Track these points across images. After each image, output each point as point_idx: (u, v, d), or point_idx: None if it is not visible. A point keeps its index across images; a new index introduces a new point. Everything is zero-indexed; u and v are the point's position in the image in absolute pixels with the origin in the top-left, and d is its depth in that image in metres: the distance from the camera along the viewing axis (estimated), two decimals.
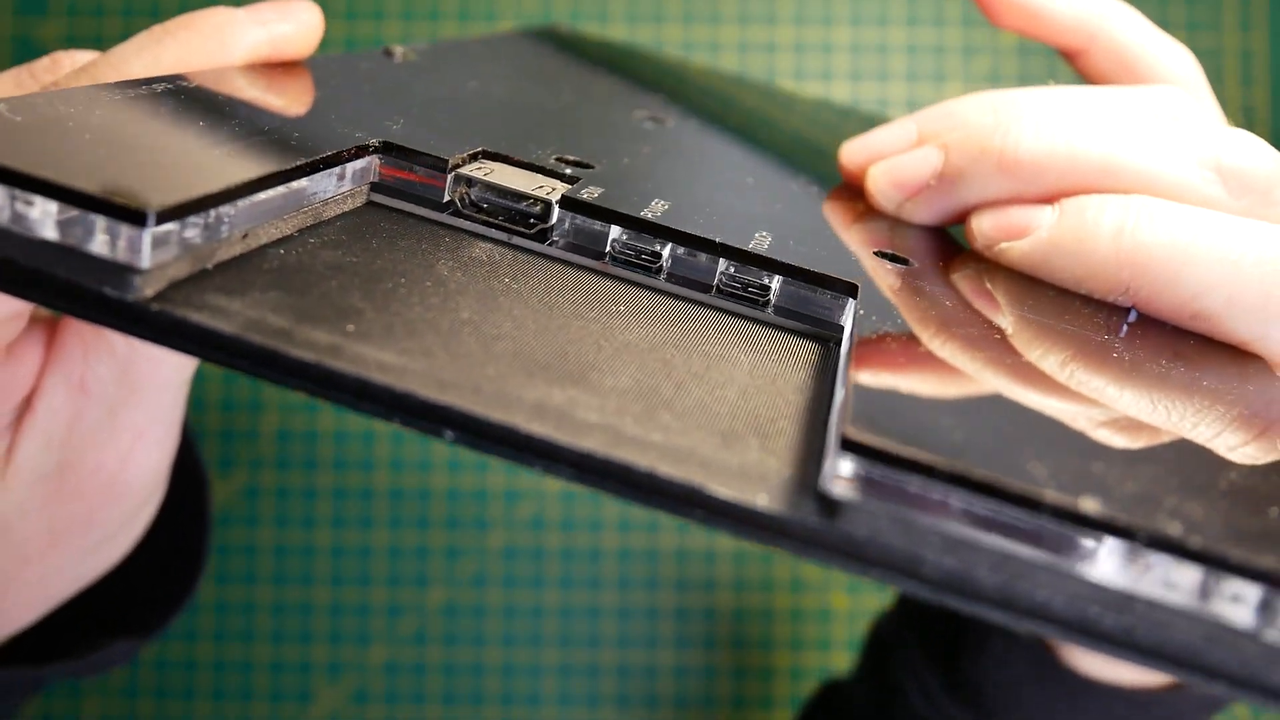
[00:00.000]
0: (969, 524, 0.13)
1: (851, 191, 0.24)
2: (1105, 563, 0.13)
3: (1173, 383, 0.18)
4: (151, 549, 0.27)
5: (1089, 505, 0.13)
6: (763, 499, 0.13)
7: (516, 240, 0.19)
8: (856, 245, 0.21)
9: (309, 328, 0.15)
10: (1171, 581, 0.13)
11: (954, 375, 0.16)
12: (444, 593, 0.44)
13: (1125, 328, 0.19)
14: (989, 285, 0.20)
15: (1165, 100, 0.22)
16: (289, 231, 0.17)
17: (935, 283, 0.20)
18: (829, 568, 0.13)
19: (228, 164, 0.17)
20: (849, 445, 0.13)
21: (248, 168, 0.17)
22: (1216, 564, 0.12)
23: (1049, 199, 0.21)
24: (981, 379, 0.16)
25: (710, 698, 0.46)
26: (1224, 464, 0.15)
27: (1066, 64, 0.26)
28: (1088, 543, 0.13)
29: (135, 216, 0.14)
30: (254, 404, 0.45)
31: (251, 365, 0.14)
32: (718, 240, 0.19)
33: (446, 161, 0.19)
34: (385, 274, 0.17)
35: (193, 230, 0.15)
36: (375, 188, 0.19)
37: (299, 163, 0.17)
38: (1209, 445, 0.16)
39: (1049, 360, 0.18)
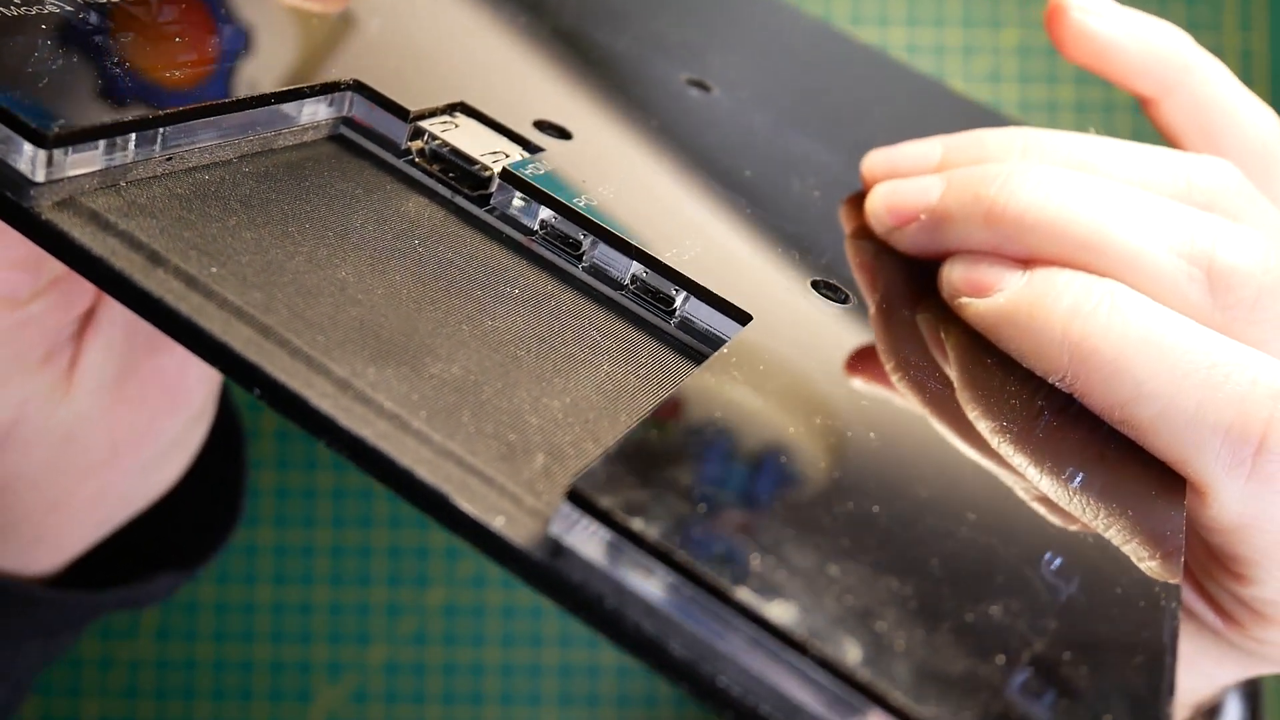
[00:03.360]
0: (669, 599, 0.13)
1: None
2: (781, 668, 0.13)
3: (1042, 491, 0.17)
4: (191, 487, 0.28)
5: (775, 611, 0.12)
6: (499, 521, 0.13)
7: (459, 200, 0.19)
8: (807, 267, 0.20)
9: (176, 261, 0.15)
10: (835, 702, 0.13)
11: (751, 446, 0.15)
12: (444, 593, 0.44)
13: (1047, 416, 0.18)
14: (943, 337, 0.20)
15: (1206, 176, 0.21)
16: (227, 157, 0.17)
17: (857, 329, 0.19)
18: (548, 600, 0.13)
19: (178, 89, 0.17)
20: (573, 497, 0.13)
21: (197, 94, 0.17)
22: (878, 701, 0.12)
23: (1027, 261, 0.20)
24: (776, 456, 0.15)
25: None
26: (997, 595, 0.14)
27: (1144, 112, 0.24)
28: (769, 645, 0.13)
29: (35, 136, 0.15)
30: (254, 404, 0.45)
31: (111, 289, 0.15)
32: (632, 242, 0.18)
33: (408, 112, 0.19)
34: (292, 217, 0.17)
35: (112, 149, 0.16)
36: (346, 122, 0.19)
37: (243, 97, 0.17)
38: (994, 572, 0.15)
39: (898, 444, 0.16)
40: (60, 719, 0.43)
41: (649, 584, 0.13)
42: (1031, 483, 0.17)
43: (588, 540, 0.13)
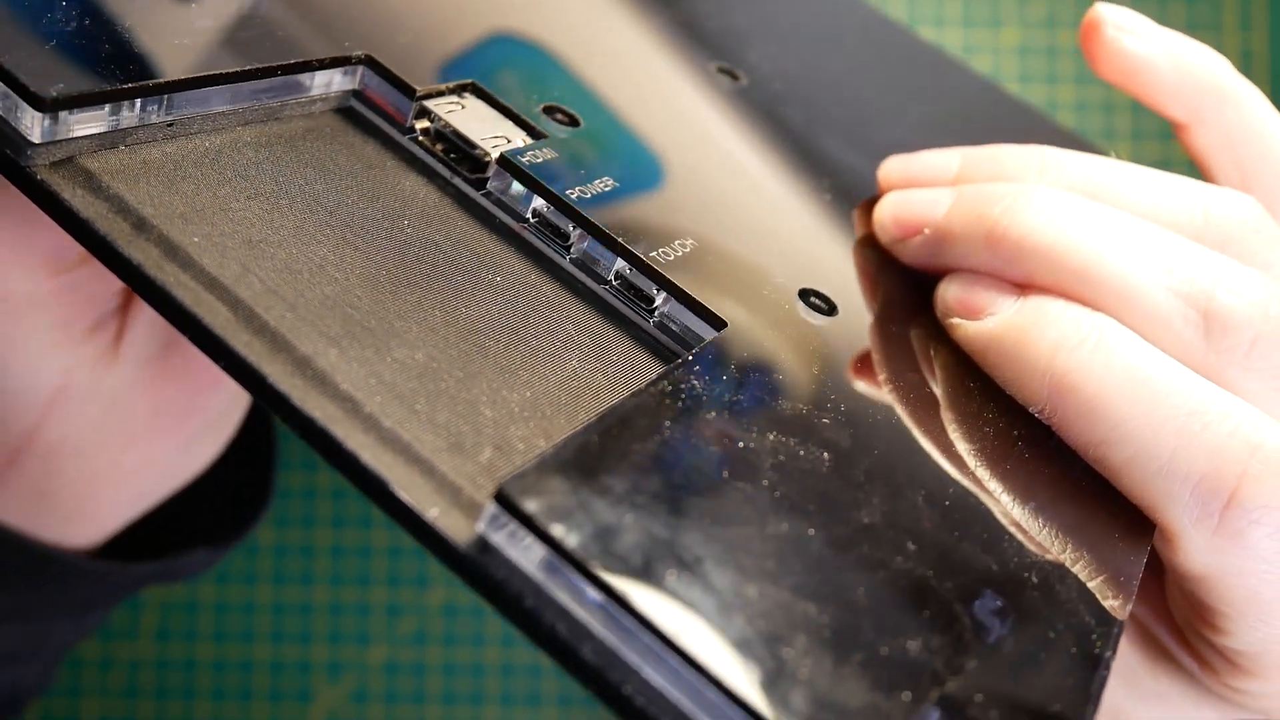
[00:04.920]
0: (585, 605, 0.13)
1: None
2: (684, 684, 0.13)
3: (998, 526, 0.16)
4: (225, 467, 0.29)
5: (679, 629, 0.13)
6: (433, 513, 0.13)
7: (458, 182, 0.19)
8: (801, 274, 0.20)
9: (161, 229, 0.15)
10: None
11: (695, 458, 0.15)
12: (444, 593, 0.44)
13: (1021, 448, 0.18)
14: (931, 356, 0.19)
15: (1224, 210, 0.20)
16: (231, 125, 0.17)
17: (834, 344, 0.18)
18: (474, 594, 0.14)
19: (186, 54, 0.17)
20: (500, 498, 0.13)
21: (204, 60, 0.17)
22: None
23: (1024, 287, 0.19)
24: (719, 470, 0.15)
25: None
26: (918, 630, 0.14)
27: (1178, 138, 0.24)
28: (673, 661, 0.13)
29: (34, 99, 0.15)
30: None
31: (97, 253, 0.15)
32: (617, 238, 0.18)
33: (414, 90, 0.19)
34: (285, 189, 0.17)
35: (115, 113, 0.16)
36: (357, 96, 0.19)
37: (250, 66, 0.17)
38: (922, 606, 0.15)
39: (852, 466, 0.16)
40: (60, 719, 0.43)
41: (567, 589, 0.13)
42: (988, 516, 0.16)
43: (512, 540, 0.13)
